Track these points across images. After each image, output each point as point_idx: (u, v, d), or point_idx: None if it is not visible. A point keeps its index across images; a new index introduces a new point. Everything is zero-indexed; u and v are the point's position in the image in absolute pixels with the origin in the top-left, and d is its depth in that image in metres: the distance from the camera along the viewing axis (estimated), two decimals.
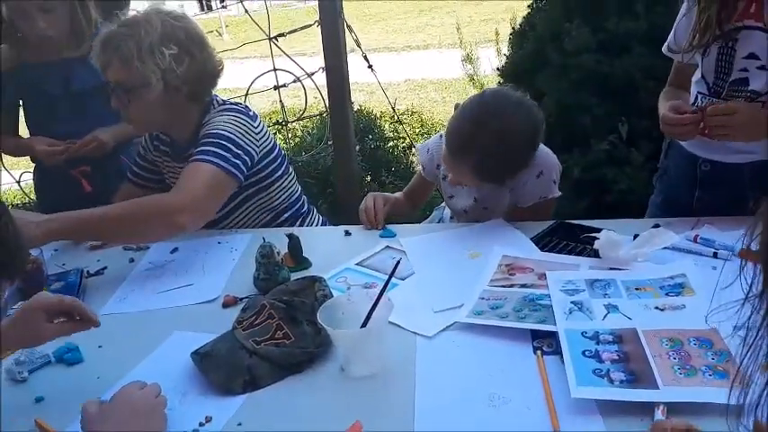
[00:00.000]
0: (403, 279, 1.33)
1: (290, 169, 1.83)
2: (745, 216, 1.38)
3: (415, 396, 0.97)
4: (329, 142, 3.08)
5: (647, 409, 0.87)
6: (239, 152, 1.53)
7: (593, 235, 1.28)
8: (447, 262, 1.39)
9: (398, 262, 1.09)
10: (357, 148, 3.07)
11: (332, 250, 1.51)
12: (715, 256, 1.24)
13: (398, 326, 1.15)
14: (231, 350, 1.08)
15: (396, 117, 3.56)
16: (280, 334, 1.11)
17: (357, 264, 1.43)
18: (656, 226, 1.35)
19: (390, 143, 3.61)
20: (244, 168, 1.54)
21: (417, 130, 4.29)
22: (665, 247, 1.27)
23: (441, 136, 1.59)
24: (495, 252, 1.35)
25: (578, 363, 0.96)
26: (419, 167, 1.74)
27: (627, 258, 1.22)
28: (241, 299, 1.30)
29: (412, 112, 4.63)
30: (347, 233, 1.60)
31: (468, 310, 1.16)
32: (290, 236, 1.42)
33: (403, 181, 3.42)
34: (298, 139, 3.59)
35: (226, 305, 1.30)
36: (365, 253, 1.47)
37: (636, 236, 1.29)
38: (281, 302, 1.16)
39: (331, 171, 3.07)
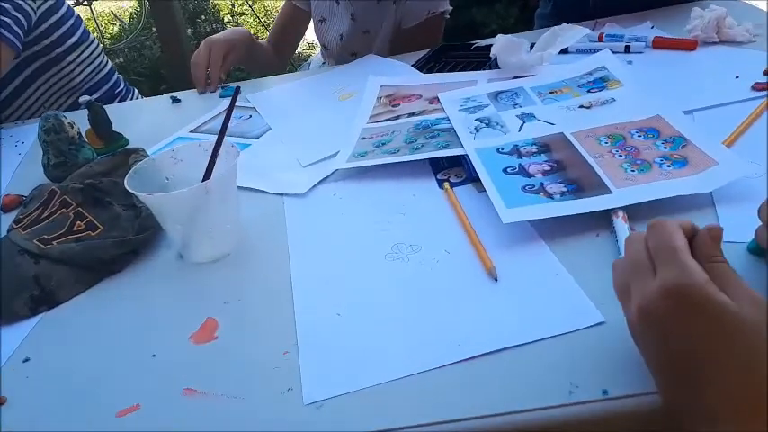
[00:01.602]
0: (256, 138, 1.01)
1: (92, 37, 1.40)
2: (648, 9, 1.20)
3: (290, 269, 0.68)
4: (153, 29, 2.54)
5: (600, 220, 0.65)
6: (6, 6, 1.10)
7: (488, 41, 1.02)
8: (312, 109, 1.08)
9: (238, 89, 0.75)
10: (189, 31, 2.57)
11: (156, 121, 1.15)
12: (627, 50, 1.04)
13: (257, 190, 0.85)
14: (7, 259, 0.72)
15: None
16: (81, 224, 0.76)
17: (192, 131, 1.08)
18: None
19: (230, 22, 3.10)
20: (18, 29, 1.11)
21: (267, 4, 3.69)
22: (568, 52, 1.06)
23: None
24: (370, 84, 1.06)
25: (502, 182, 0.71)
26: None
27: (531, 62, 0.98)
28: (27, 197, 0.91)
29: None
30: (175, 100, 1.22)
31: (347, 154, 0.87)
32: (89, 104, 1.01)
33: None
34: (113, 28, 2.96)
35: (7, 208, 0.91)
36: (201, 118, 1.12)
37: (533, 45, 1.06)
38: (79, 185, 0.80)
39: (161, 63, 2.55)
